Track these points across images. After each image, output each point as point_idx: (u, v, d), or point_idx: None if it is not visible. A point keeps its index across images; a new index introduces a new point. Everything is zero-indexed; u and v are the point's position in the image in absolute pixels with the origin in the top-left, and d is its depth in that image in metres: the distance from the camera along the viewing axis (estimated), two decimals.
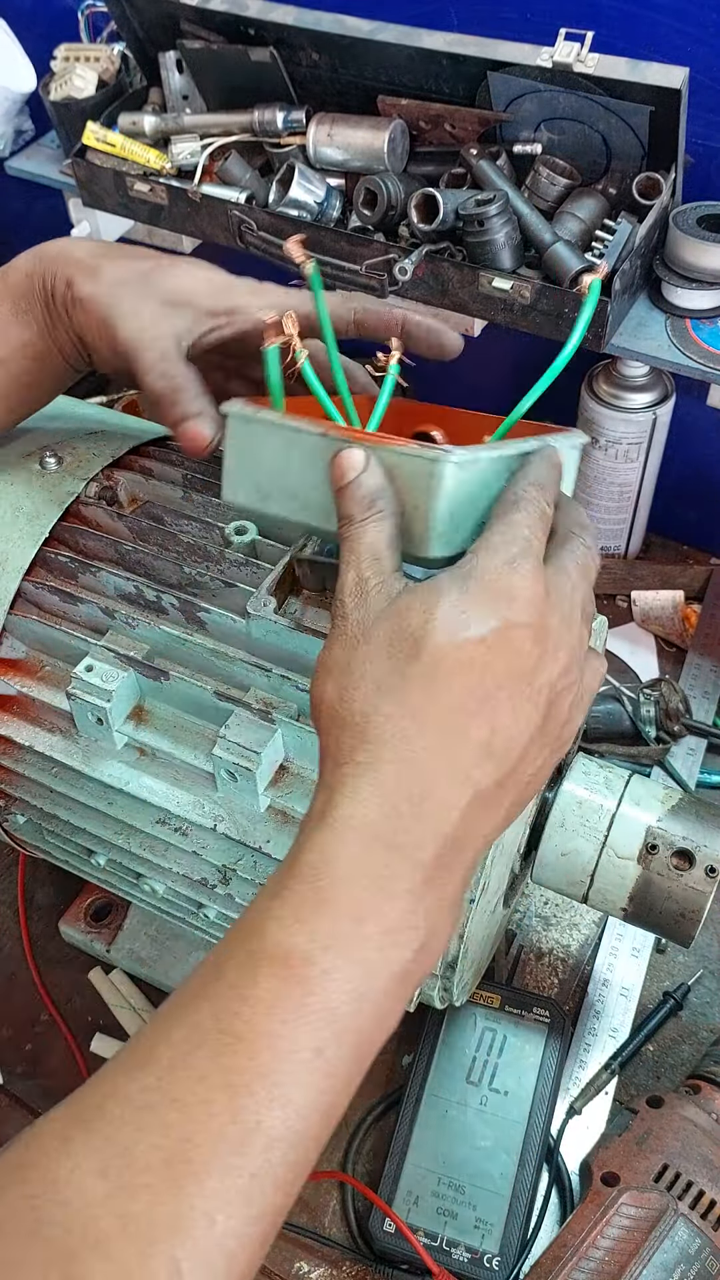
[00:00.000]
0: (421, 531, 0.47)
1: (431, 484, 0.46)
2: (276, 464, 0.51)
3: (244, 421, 0.52)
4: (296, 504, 0.51)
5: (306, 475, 0.50)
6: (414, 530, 0.47)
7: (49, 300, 0.58)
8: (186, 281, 0.57)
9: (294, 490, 0.51)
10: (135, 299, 0.56)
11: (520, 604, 0.43)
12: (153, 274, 0.57)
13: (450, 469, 0.46)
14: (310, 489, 0.50)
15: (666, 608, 1.00)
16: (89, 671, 0.60)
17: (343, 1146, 0.72)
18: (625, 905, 0.64)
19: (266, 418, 0.51)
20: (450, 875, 0.42)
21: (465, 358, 0.59)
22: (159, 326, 0.55)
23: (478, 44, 0.82)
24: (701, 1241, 0.62)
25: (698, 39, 0.83)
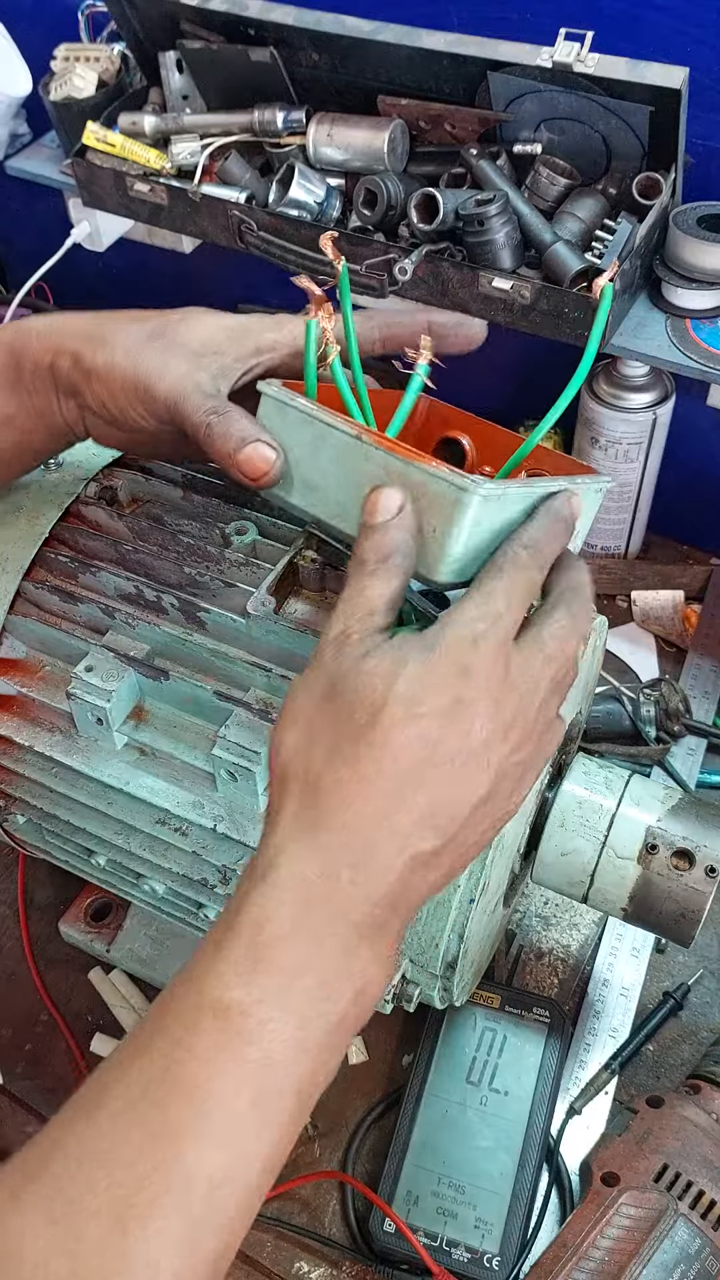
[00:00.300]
0: (436, 556, 0.47)
1: (455, 512, 0.46)
2: (303, 454, 0.51)
3: (278, 404, 0.51)
4: (315, 497, 0.51)
5: (331, 472, 0.50)
6: (429, 553, 0.47)
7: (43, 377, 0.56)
8: (205, 332, 0.55)
9: (315, 484, 0.51)
10: (162, 356, 0.54)
11: (476, 683, 0.44)
12: (168, 330, 0.55)
13: (476, 501, 0.46)
14: (332, 486, 0.50)
15: (666, 608, 1.00)
16: (89, 671, 0.60)
17: (343, 1146, 0.72)
18: (625, 905, 0.64)
19: (303, 406, 0.50)
20: (385, 932, 0.44)
21: (465, 358, 0.59)
22: (196, 375, 0.53)
23: (478, 44, 0.82)
24: (702, 1241, 0.62)
25: (698, 39, 0.83)
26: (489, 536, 0.48)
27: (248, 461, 0.51)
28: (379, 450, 0.48)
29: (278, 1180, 0.70)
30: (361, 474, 0.49)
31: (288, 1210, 0.69)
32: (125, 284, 1.26)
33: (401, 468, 0.47)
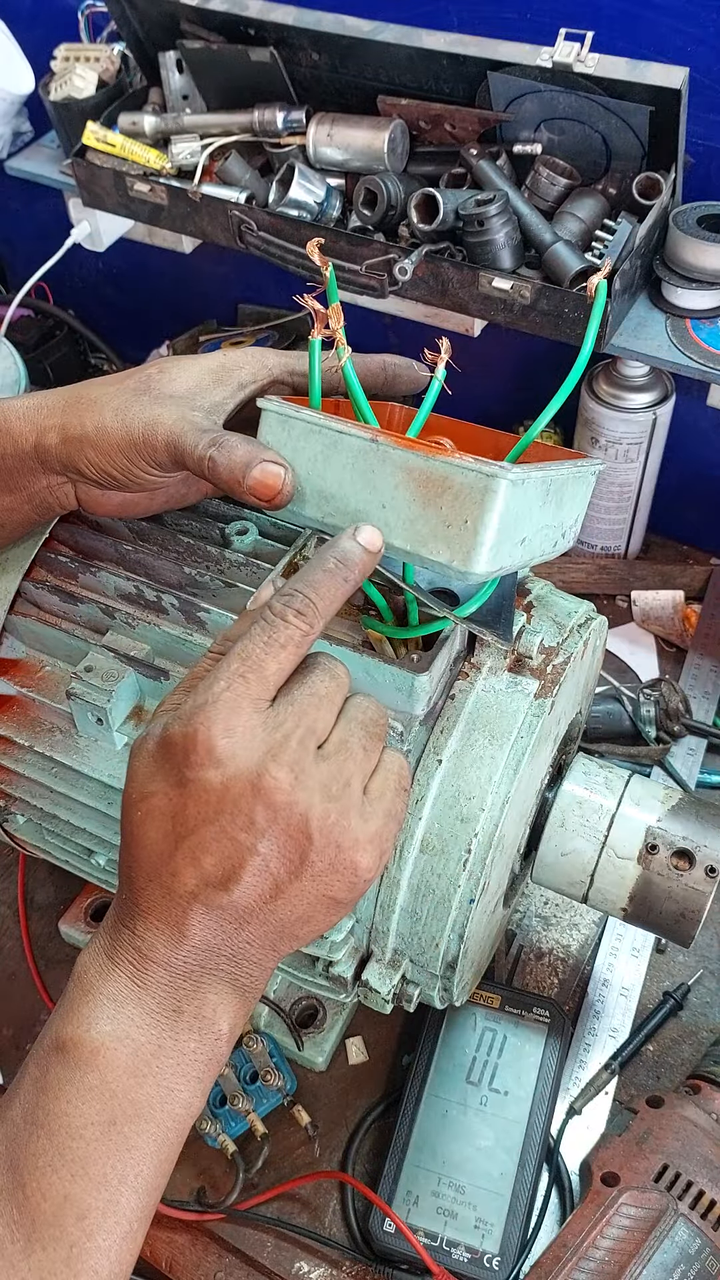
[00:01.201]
0: (470, 547, 0.47)
1: (486, 499, 0.46)
2: (313, 465, 0.50)
3: (281, 419, 0.50)
4: (330, 507, 0.51)
5: (346, 480, 0.49)
6: (461, 545, 0.47)
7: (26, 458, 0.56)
8: (188, 378, 0.56)
9: (329, 493, 0.50)
10: (151, 408, 0.54)
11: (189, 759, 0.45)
12: (151, 384, 0.55)
13: (505, 485, 0.45)
14: (348, 494, 0.49)
15: (666, 608, 1.00)
16: (89, 671, 0.60)
17: (343, 1146, 0.72)
18: (625, 905, 0.64)
19: (308, 416, 0.50)
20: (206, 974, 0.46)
21: (465, 358, 0.59)
22: (190, 416, 0.53)
23: (478, 44, 0.82)
24: (701, 1241, 0.62)
25: (698, 39, 0.83)
26: (516, 523, 0.48)
27: (259, 485, 0.51)
28: (398, 450, 0.47)
29: (278, 1180, 0.71)
30: (379, 477, 0.48)
31: (288, 1210, 0.69)
32: (125, 284, 1.26)
33: (423, 464, 0.47)
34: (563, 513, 0.53)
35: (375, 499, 0.49)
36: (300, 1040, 0.74)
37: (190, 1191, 0.70)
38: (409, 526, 0.48)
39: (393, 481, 0.48)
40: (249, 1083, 0.72)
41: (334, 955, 0.59)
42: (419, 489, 0.47)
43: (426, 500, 0.47)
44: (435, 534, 0.48)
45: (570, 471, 0.50)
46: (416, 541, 0.48)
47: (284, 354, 0.58)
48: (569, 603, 0.63)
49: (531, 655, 0.59)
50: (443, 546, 0.47)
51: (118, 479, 0.55)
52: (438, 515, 0.47)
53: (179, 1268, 0.67)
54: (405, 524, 0.48)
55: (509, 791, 0.56)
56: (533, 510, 0.49)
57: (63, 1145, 0.44)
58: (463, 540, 0.47)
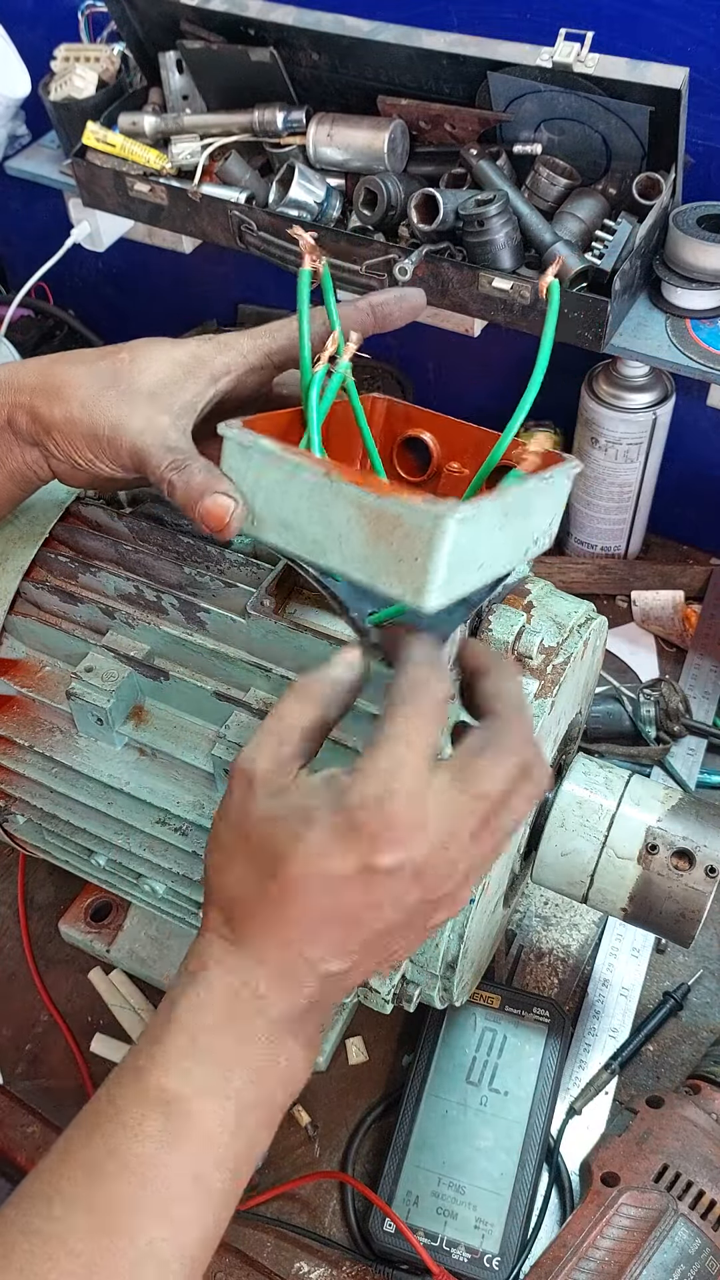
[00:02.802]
0: (420, 584, 0.47)
1: (434, 539, 0.45)
2: (273, 493, 0.50)
3: (241, 448, 0.50)
4: (290, 535, 0.51)
5: (303, 510, 0.49)
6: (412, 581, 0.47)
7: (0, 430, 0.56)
8: (158, 369, 0.55)
9: (289, 522, 0.50)
10: (119, 406, 0.53)
11: (379, 847, 0.43)
12: (121, 374, 0.54)
13: (452, 525, 0.45)
14: (305, 524, 0.50)
15: (666, 608, 1.00)
16: (89, 672, 0.60)
17: (343, 1146, 0.72)
18: (625, 905, 0.64)
19: (266, 447, 0.49)
20: (306, 1025, 0.47)
21: (465, 358, 0.59)
22: (158, 421, 0.53)
23: (478, 44, 0.82)
24: (702, 1241, 0.62)
25: (698, 39, 0.83)
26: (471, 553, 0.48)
27: (207, 514, 0.51)
28: (349, 487, 0.47)
29: (278, 1180, 0.71)
30: (333, 511, 0.48)
31: (288, 1210, 0.69)
32: (125, 284, 1.26)
33: (374, 502, 0.47)
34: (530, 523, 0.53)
35: (331, 531, 0.49)
36: None
37: None
38: (363, 561, 0.49)
39: (345, 516, 0.48)
40: None
41: None
42: (371, 525, 0.47)
43: (378, 536, 0.47)
44: (388, 569, 0.48)
45: (534, 486, 0.50)
46: (371, 575, 0.48)
47: (257, 335, 0.56)
48: (569, 603, 0.63)
49: (531, 655, 0.59)
50: (395, 581, 0.48)
51: (82, 467, 0.55)
52: (389, 551, 0.47)
53: None
54: (360, 559, 0.49)
55: None
56: (490, 536, 0.49)
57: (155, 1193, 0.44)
58: (414, 576, 0.47)
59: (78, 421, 0.53)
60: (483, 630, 0.58)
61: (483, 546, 0.48)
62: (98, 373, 0.54)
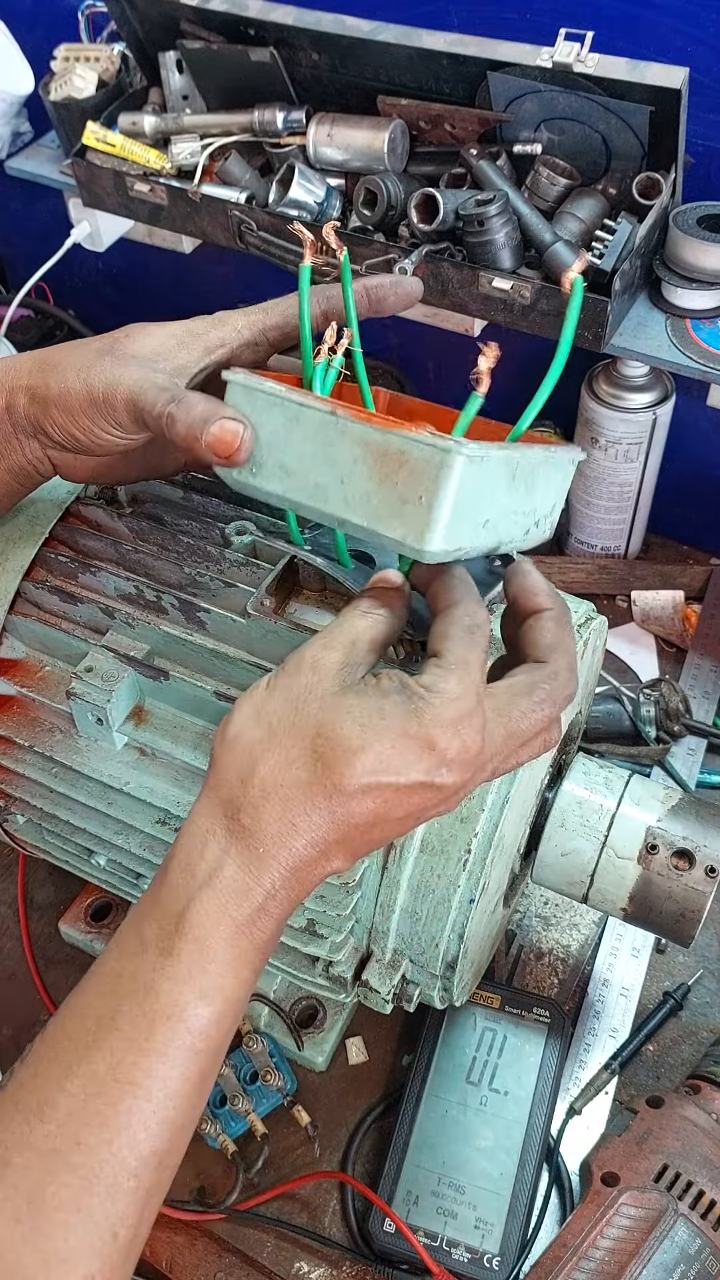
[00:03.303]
0: (424, 525, 0.46)
1: (441, 475, 0.45)
2: (275, 438, 0.49)
3: (246, 390, 0.50)
4: (291, 482, 0.50)
5: (306, 453, 0.49)
6: (416, 523, 0.46)
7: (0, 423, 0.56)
8: (153, 342, 0.55)
9: (290, 467, 0.50)
10: (114, 369, 0.53)
11: (451, 766, 0.45)
12: (116, 346, 0.55)
13: (460, 461, 0.44)
14: (308, 468, 0.49)
15: (666, 608, 1.00)
16: (89, 672, 0.60)
17: (343, 1146, 0.72)
18: (625, 905, 0.64)
19: (271, 388, 0.49)
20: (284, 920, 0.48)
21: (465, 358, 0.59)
22: (151, 377, 0.53)
23: (478, 44, 0.82)
24: (702, 1242, 0.62)
25: (698, 39, 0.83)
26: (474, 504, 0.47)
27: (216, 441, 0.49)
28: (356, 424, 0.47)
29: (278, 1180, 0.71)
30: (338, 451, 0.48)
31: (288, 1210, 0.69)
32: (125, 284, 1.26)
33: (380, 438, 0.46)
34: (534, 498, 0.52)
35: (334, 474, 0.48)
36: (300, 1040, 0.74)
37: (190, 1191, 0.70)
38: (366, 502, 0.47)
39: (351, 455, 0.47)
40: (249, 1083, 0.72)
41: (334, 955, 0.59)
42: (376, 463, 0.46)
43: (383, 475, 0.46)
44: (391, 510, 0.47)
45: (540, 456, 0.50)
46: (373, 518, 0.47)
47: (251, 313, 0.56)
48: (569, 603, 0.63)
49: None
50: (398, 523, 0.46)
51: (81, 440, 0.55)
52: (394, 491, 0.46)
53: (179, 1268, 0.67)
54: (362, 500, 0.47)
55: (509, 791, 0.56)
56: (497, 491, 0.48)
57: (160, 1105, 0.44)
58: (417, 517, 0.46)
59: (73, 390, 0.54)
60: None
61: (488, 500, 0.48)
62: (93, 349, 0.55)
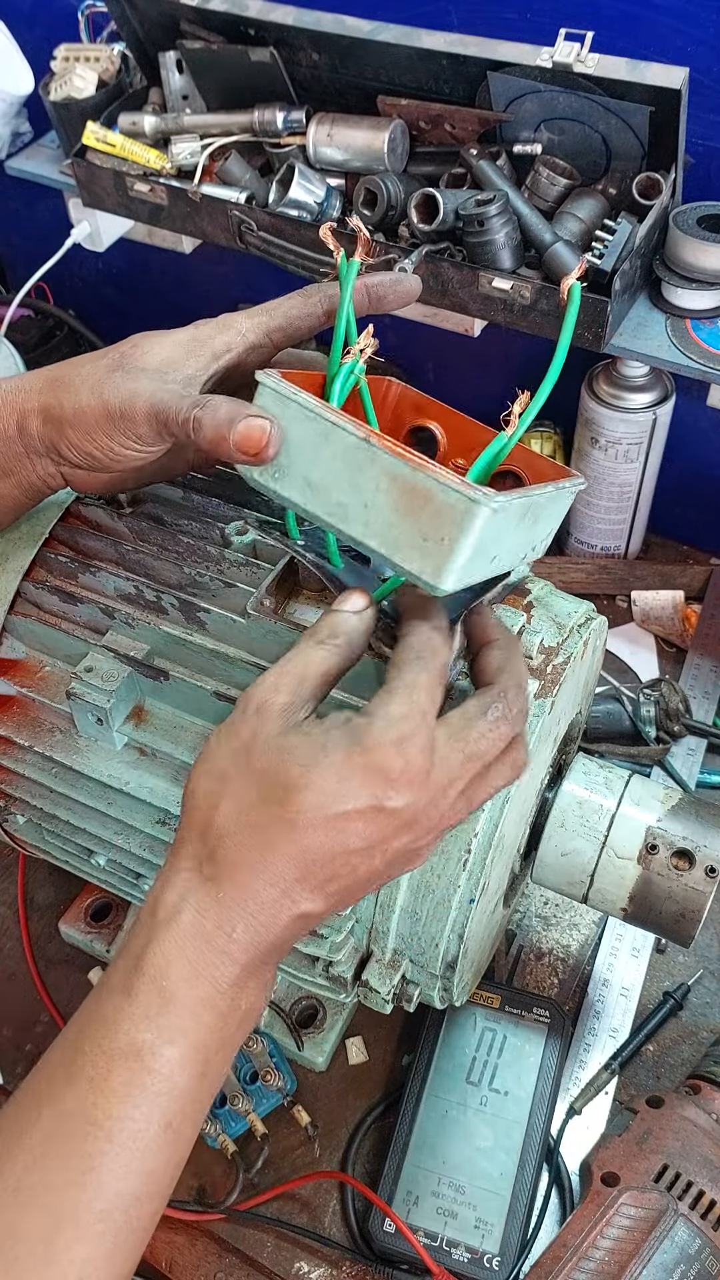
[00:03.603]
0: (441, 565, 0.47)
1: (465, 522, 0.46)
2: (303, 450, 0.50)
3: (277, 396, 0.50)
4: (313, 495, 0.50)
5: (332, 471, 0.49)
6: (434, 561, 0.47)
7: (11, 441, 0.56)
8: (161, 351, 0.55)
9: (314, 481, 0.50)
10: (127, 383, 0.53)
11: (397, 786, 0.45)
12: (125, 360, 0.55)
13: (486, 513, 0.45)
14: (333, 486, 0.49)
15: (666, 608, 1.00)
16: (89, 672, 0.60)
17: (343, 1146, 0.72)
18: (625, 905, 0.64)
19: (306, 401, 0.49)
20: (268, 966, 0.48)
21: (465, 358, 0.59)
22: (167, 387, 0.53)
23: (478, 44, 0.82)
24: (701, 1242, 0.62)
25: (698, 39, 0.83)
26: (491, 544, 0.48)
27: (244, 439, 0.49)
28: (387, 455, 0.47)
29: (278, 1180, 0.71)
30: (365, 477, 0.48)
31: (288, 1210, 0.69)
32: (125, 284, 1.26)
33: (409, 474, 0.46)
34: (536, 530, 0.53)
35: (358, 497, 0.48)
36: (300, 1040, 0.74)
37: (190, 1191, 0.70)
38: (386, 530, 0.48)
39: (376, 484, 0.48)
40: (249, 1083, 0.72)
41: (334, 955, 0.59)
42: (401, 497, 0.47)
43: (407, 509, 0.47)
44: (411, 543, 0.48)
45: (550, 494, 0.51)
46: (391, 547, 0.48)
47: (255, 314, 0.56)
48: (569, 603, 0.63)
49: (531, 655, 0.59)
50: (416, 557, 0.48)
51: (100, 459, 0.55)
52: (416, 526, 0.47)
53: (179, 1268, 0.67)
54: (383, 527, 0.48)
55: (509, 791, 0.56)
56: (509, 531, 0.49)
57: (122, 1147, 0.45)
58: (437, 556, 0.47)
59: (89, 409, 0.53)
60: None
61: (500, 541, 0.49)
62: (102, 365, 0.55)
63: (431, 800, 0.46)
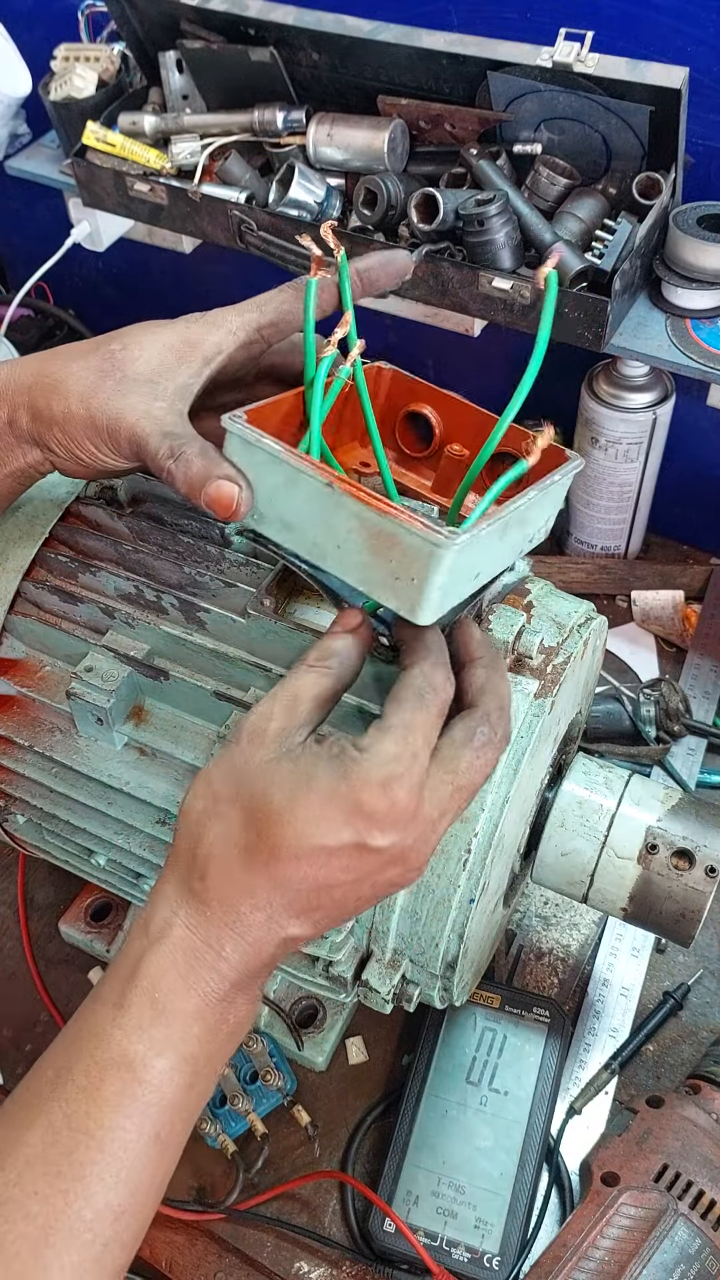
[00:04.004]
0: (415, 601, 0.48)
1: (431, 563, 0.46)
2: (275, 492, 0.51)
3: (245, 445, 0.50)
4: (291, 535, 0.51)
5: (305, 513, 0.50)
6: (407, 599, 0.48)
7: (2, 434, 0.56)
8: (151, 356, 0.55)
9: (290, 522, 0.51)
10: (117, 398, 0.53)
11: (381, 827, 0.45)
12: (115, 364, 0.54)
13: (451, 554, 0.46)
14: (307, 525, 0.50)
15: (666, 608, 1.00)
16: (89, 671, 0.60)
17: (343, 1146, 0.72)
18: (625, 905, 0.64)
19: (271, 448, 0.49)
20: (257, 981, 0.49)
21: (465, 358, 0.59)
22: (153, 409, 0.53)
23: (478, 44, 0.82)
24: (701, 1241, 0.62)
25: (698, 39, 0.83)
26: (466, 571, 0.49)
27: (214, 501, 0.51)
28: (350, 500, 0.48)
29: (278, 1180, 0.71)
30: (335, 519, 0.49)
31: (288, 1210, 0.69)
32: (125, 284, 1.26)
33: (374, 519, 0.47)
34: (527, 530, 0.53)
35: (331, 538, 0.49)
36: (300, 1040, 0.74)
37: (190, 1191, 0.70)
38: (361, 570, 0.49)
39: (346, 526, 0.49)
40: (249, 1083, 0.72)
41: (334, 955, 0.59)
42: (370, 539, 0.48)
43: (377, 550, 0.48)
44: (384, 582, 0.49)
45: (534, 496, 0.51)
46: (368, 585, 0.49)
47: (245, 310, 0.56)
48: (569, 603, 0.63)
49: (531, 655, 0.59)
50: (391, 595, 0.49)
51: (84, 461, 0.55)
52: (387, 566, 0.48)
53: (179, 1268, 0.67)
54: (358, 568, 0.49)
55: (509, 791, 0.56)
56: (487, 551, 0.50)
57: (112, 1157, 0.45)
58: (410, 594, 0.48)
59: (77, 417, 0.54)
60: (482, 629, 0.58)
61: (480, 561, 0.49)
62: (92, 366, 0.55)
63: (421, 836, 0.47)
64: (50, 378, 0.55)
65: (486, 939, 0.66)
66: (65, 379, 0.54)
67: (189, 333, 0.55)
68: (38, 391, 0.55)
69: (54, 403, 0.54)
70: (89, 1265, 0.44)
